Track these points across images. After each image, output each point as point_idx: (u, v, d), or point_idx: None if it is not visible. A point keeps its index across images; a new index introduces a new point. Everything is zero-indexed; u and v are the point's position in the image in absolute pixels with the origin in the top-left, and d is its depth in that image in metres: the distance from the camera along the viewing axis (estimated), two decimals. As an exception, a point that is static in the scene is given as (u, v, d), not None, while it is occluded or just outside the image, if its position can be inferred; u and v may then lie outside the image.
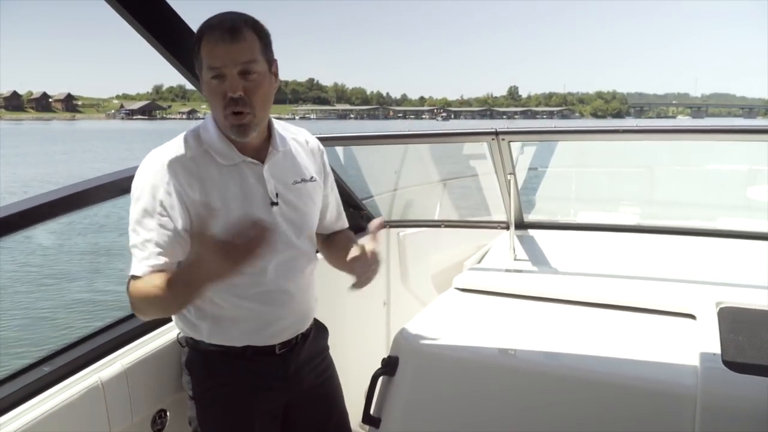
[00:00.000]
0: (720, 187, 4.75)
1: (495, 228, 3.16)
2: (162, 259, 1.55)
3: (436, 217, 3.56)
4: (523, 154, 3.34)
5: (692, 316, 2.11)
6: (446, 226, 3.31)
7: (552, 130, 2.95)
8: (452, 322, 2.22)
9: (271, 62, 1.60)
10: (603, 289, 2.37)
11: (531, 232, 3.05)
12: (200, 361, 1.76)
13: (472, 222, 3.43)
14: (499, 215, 3.14)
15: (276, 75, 1.64)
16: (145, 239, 1.55)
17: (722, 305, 2.15)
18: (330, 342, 2.01)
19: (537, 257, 2.86)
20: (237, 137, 1.58)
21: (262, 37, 1.56)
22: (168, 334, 1.91)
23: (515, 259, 2.86)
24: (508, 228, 2.94)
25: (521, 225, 3.06)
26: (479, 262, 2.98)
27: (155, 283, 1.49)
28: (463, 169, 3.87)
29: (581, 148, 4.60)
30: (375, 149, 3.68)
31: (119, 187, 1.81)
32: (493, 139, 2.69)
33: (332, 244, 1.95)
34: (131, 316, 1.92)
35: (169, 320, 1.92)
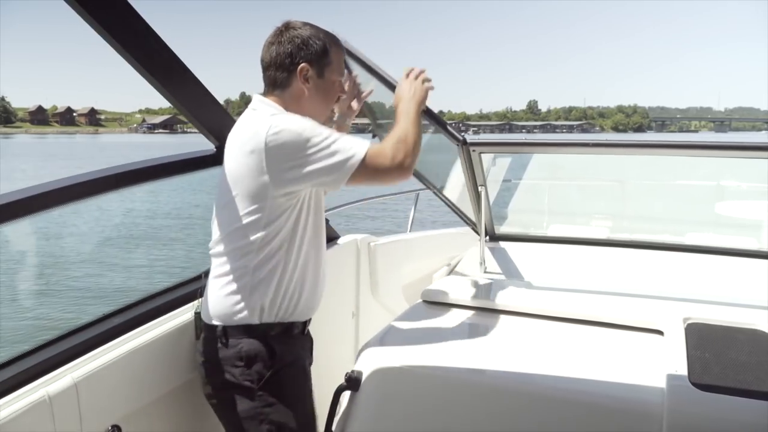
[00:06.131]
0: (689, 203, 4.76)
1: (467, 240, 3.16)
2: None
3: (408, 228, 3.59)
4: (495, 165, 3.34)
5: (660, 332, 2.11)
6: (418, 237, 3.33)
7: (522, 143, 2.94)
8: (418, 337, 2.19)
9: None
10: (572, 303, 2.36)
11: (502, 244, 3.04)
12: (262, 345, 1.80)
13: (445, 233, 3.46)
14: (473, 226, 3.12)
15: None
16: (336, 136, 1.74)
17: (690, 321, 2.15)
18: None
19: (507, 270, 2.84)
20: (329, 118, 2.04)
21: None
22: (122, 346, 1.83)
23: (485, 272, 2.84)
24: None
25: (493, 237, 3.05)
26: (449, 274, 2.95)
27: (409, 118, 1.83)
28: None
29: (555, 161, 4.61)
30: None
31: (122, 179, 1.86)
32: (462, 150, 2.65)
33: None
34: (84, 327, 1.85)
35: (135, 326, 1.89)
